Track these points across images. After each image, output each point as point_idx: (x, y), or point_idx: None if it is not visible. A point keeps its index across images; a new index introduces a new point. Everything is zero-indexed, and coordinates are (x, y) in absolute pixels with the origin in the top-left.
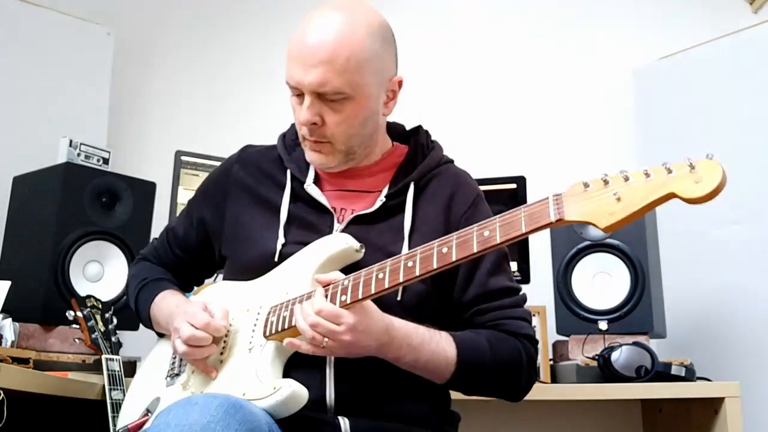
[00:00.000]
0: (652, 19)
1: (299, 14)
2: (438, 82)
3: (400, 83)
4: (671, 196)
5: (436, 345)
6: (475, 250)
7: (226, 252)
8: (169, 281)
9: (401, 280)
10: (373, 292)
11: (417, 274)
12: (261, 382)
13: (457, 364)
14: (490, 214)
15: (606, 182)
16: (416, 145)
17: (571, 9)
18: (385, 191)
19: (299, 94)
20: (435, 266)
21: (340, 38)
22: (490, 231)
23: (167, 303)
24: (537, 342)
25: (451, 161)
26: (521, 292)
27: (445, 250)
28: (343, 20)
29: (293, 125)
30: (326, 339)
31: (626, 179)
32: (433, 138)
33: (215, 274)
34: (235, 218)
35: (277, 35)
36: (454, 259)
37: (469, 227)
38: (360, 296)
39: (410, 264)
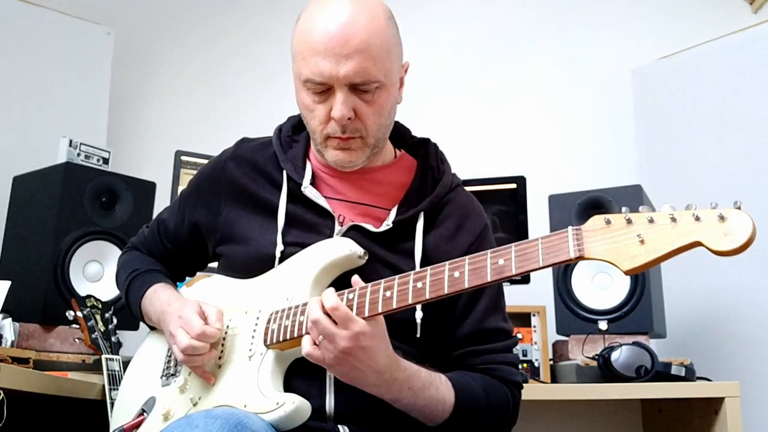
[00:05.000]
0: (651, 19)
1: (298, 14)
2: (438, 82)
3: (407, 68)
4: (697, 244)
5: (436, 390)
6: (489, 279)
7: (221, 251)
8: (160, 272)
9: (410, 302)
10: (380, 311)
11: (427, 297)
12: (263, 395)
13: (454, 411)
14: (494, 244)
15: (629, 221)
16: (426, 165)
17: (570, 9)
18: (392, 216)
19: (323, 91)
20: (446, 291)
21: (368, 25)
22: (505, 260)
23: (159, 299)
24: (522, 387)
25: (460, 184)
26: (513, 335)
27: (456, 274)
28: (362, 7)
29: (290, 119)
30: (322, 338)
31: (651, 221)
32: (441, 153)
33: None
34: (231, 218)
35: (277, 35)
36: (466, 286)
37: (483, 252)
38: (366, 314)
39: (419, 285)
